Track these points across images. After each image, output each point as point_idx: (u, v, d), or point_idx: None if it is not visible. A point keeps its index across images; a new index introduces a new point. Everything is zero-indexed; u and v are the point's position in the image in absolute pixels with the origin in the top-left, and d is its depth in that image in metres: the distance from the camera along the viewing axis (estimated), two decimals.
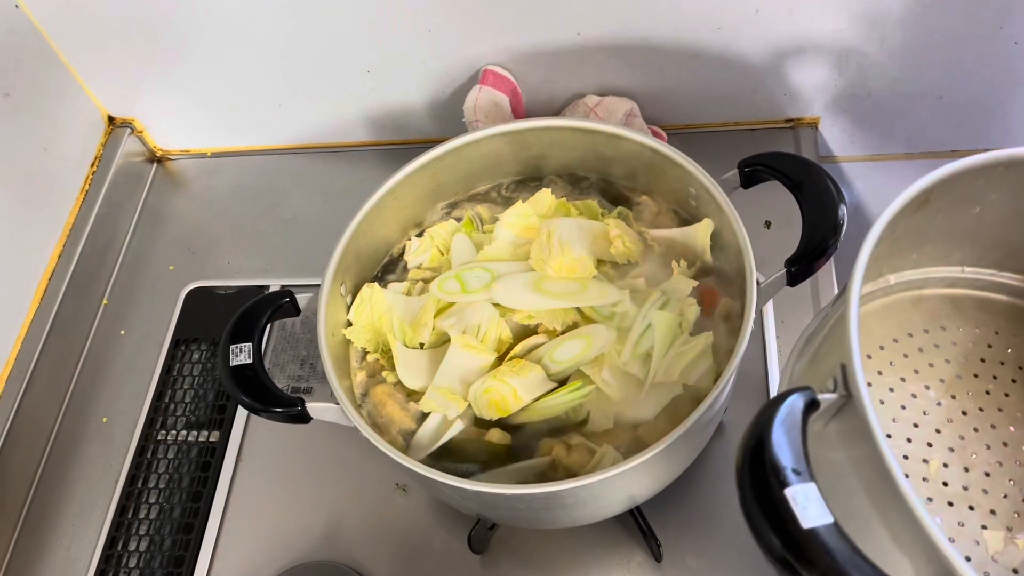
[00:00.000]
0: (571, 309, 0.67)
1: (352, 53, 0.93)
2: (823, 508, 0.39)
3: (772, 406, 0.43)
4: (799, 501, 0.39)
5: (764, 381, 0.80)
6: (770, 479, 0.40)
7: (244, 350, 0.63)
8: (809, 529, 0.38)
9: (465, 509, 0.69)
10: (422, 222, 0.78)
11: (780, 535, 0.39)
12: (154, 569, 0.78)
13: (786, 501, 0.39)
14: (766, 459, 0.40)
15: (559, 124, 0.73)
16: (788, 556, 0.38)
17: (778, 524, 0.39)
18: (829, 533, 0.38)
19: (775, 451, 0.41)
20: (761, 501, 0.40)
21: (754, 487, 0.40)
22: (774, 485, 0.39)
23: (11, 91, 0.90)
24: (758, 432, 0.42)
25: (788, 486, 0.39)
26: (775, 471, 0.40)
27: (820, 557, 0.38)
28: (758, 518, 0.39)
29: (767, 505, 0.39)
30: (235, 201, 1.05)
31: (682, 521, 0.74)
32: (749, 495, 0.40)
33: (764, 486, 0.40)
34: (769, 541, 0.39)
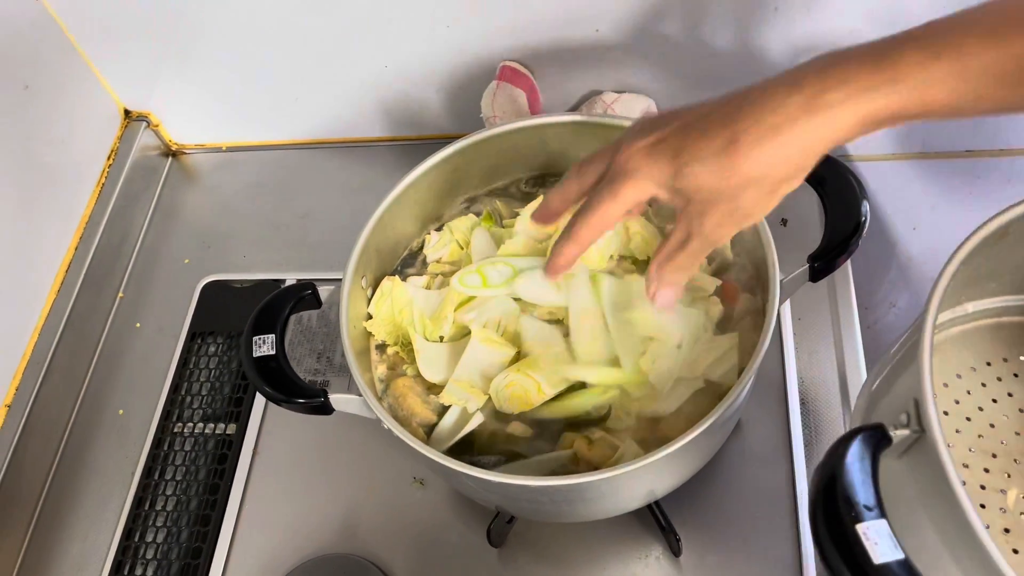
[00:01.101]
0: None
1: (370, 48, 0.93)
2: (894, 544, 0.41)
3: (844, 442, 0.45)
4: (871, 537, 0.41)
5: (781, 380, 0.80)
6: (843, 514, 0.42)
7: (267, 341, 0.64)
8: (881, 564, 0.40)
9: (485, 502, 0.69)
10: (441, 216, 0.78)
11: (852, 570, 0.40)
12: (171, 560, 0.79)
13: (858, 536, 0.41)
14: (838, 494, 0.42)
15: (579, 120, 0.73)
16: None
17: (850, 559, 0.41)
18: (901, 569, 0.40)
19: (847, 487, 0.43)
20: (834, 536, 0.42)
21: (827, 522, 0.42)
22: (847, 520, 0.41)
23: (30, 83, 0.90)
24: (831, 468, 0.44)
25: (860, 521, 0.41)
26: (848, 506, 0.42)
27: None
28: (831, 552, 0.41)
29: (840, 540, 0.41)
30: (250, 195, 1.05)
31: (699, 517, 0.74)
32: (822, 529, 0.42)
33: (837, 521, 0.42)
34: (842, 575, 0.41)
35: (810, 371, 0.81)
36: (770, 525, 0.72)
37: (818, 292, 0.85)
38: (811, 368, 0.81)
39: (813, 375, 0.80)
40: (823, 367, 0.81)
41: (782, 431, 0.77)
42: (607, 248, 0.70)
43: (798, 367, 0.80)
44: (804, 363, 0.81)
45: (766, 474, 0.75)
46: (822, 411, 0.78)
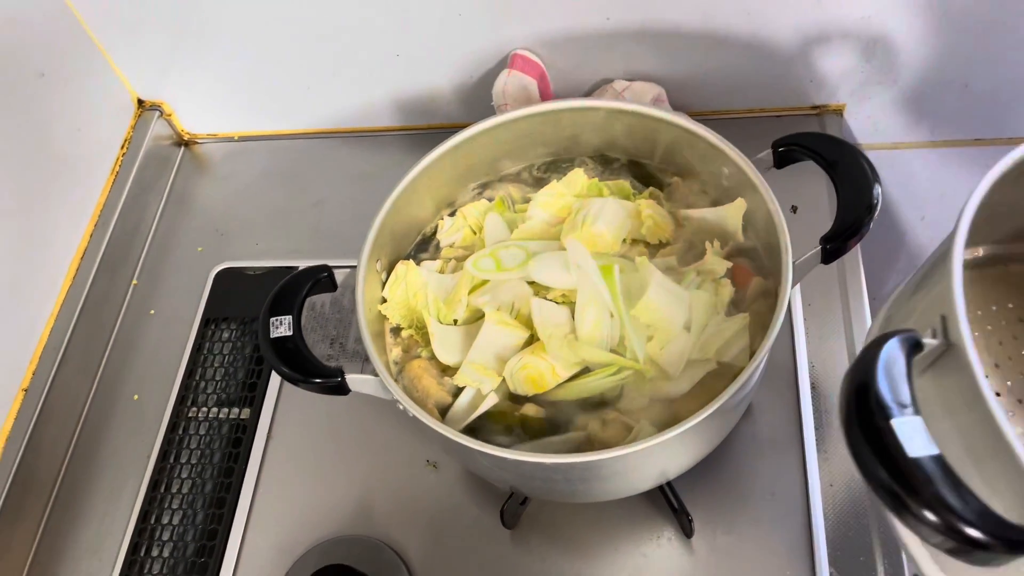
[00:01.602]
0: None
1: (382, 37, 0.94)
2: (929, 440, 0.40)
3: (877, 344, 0.44)
4: (905, 432, 0.40)
5: (792, 365, 0.80)
6: (875, 411, 0.41)
7: (284, 322, 0.64)
8: (915, 458, 0.39)
9: (499, 481, 0.70)
10: (454, 202, 0.79)
11: (886, 465, 0.40)
12: (187, 542, 0.79)
13: (893, 432, 0.40)
14: (871, 392, 0.42)
15: (593, 105, 0.74)
16: (894, 486, 0.39)
17: (884, 455, 0.40)
18: (935, 463, 0.40)
19: (881, 384, 0.42)
20: (867, 432, 0.41)
21: (860, 419, 0.42)
22: (880, 417, 0.41)
23: (46, 71, 0.91)
24: (864, 366, 0.43)
25: (894, 417, 0.41)
26: (880, 404, 0.41)
27: (925, 486, 0.39)
28: (863, 449, 0.41)
29: (873, 436, 0.41)
30: (262, 184, 1.06)
31: (711, 499, 0.74)
32: (855, 427, 0.42)
33: (869, 418, 0.41)
34: (875, 471, 0.40)
35: (820, 356, 0.81)
36: (781, 507, 0.73)
37: (828, 278, 0.85)
38: (821, 353, 0.81)
39: (823, 360, 0.81)
40: (833, 352, 0.81)
41: (792, 415, 0.77)
42: (620, 232, 0.71)
43: (808, 352, 0.81)
44: (814, 348, 0.81)
45: (777, 457, 0.76)
46: (832, 396, 0.79)
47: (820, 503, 0.73)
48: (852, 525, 0.72)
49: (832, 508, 0.73)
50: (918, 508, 0.39)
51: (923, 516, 0.39)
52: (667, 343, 0.65)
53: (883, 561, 0.70)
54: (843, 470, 0.74)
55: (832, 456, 0.75)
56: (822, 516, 0.72)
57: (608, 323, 0.66)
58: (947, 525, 0.39)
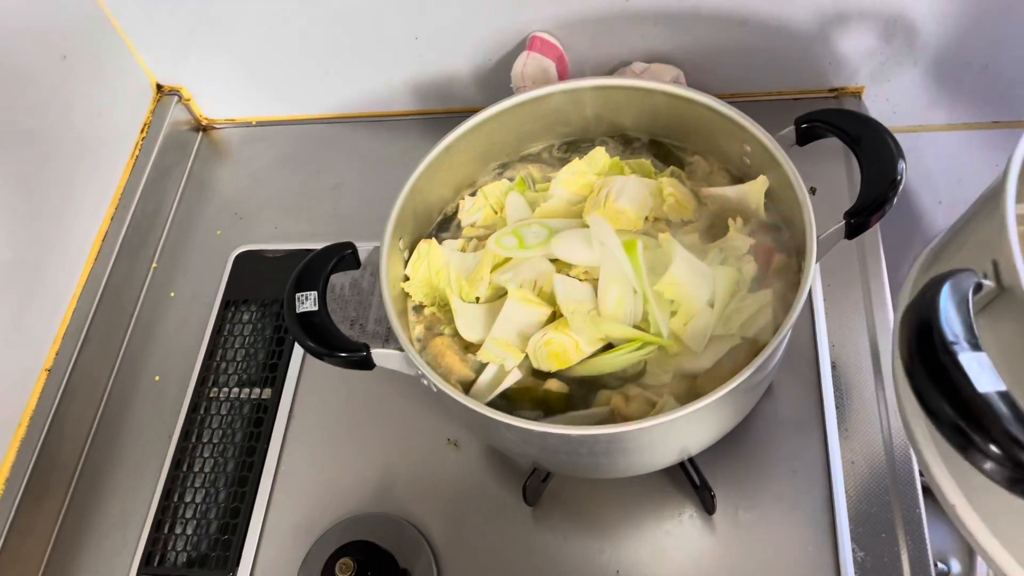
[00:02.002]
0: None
1: (400, 19, 0.94)
2: (996, 376, 0.39)
3: (939, 281, 0.43)
4: (973, 368, 0.39)
5: (812, 345, 0.81)
6: (939, 347, 0.40)
7: (309, 298, 0.65)
8: (984, 394, 0.38)
9: (523, 456, 0.70)
10: (475, 182, 0.79)
11: (952, 401, 0.39)
12: (210, 520, 0.80)
13: (961, 367, 0.39)
14: (935, 327, 0.41)
15: (614, 83, 0.74)
16: (960, 421, 0.39)
17: (951, 390, 0.39)
18: (1004, 399, 0.39)
19: (945, 320, 0.41)
20: (930, 368, 0.40)
21: (923, 355, 0.40)
22: (945, 352, 0.40)
23: (68, 55, 0.91)
24: (927, 303, 0.42)
25: (961, 353, 0.40)
26: (944, 341, 0.40)
27: (994, 421, 0.38)
28: (927, 386, 0.40)
29: (937, 372, 0.40)
30: (280, 169, 1.06)
31: (732, 476, 0.75)
32: (919, 365, 0.40)
33: (934, 354, 0.40)
34: (939, 407, 0.39)
35: (840, 336, 0.81)
36: (803, 485, 0.73)
37: (848, 259, 0.86)
38: (841, 333, 0.81)
39: (843, 340, 0.81)
40: (853, 332, 0.81)
41: (814, 394, 0.78)
42: (642, 209, 0.71)
43: (829, 332, 0.81)
44: (834, 328, 0.82)
45: (798, 435, 0.76)
46: (852, 375, 0.79)
47: (842, 480, 0.73)
48: (874, 502, 0.72)
49: (854, 485, 0.73)
50: (986, 444, 0.38)
51: (992, 452, 0.38)
52: (691, 319, 0.65)
53: (905, 538, 0.70)
54: (864, 448, 0.75)
55: (853, 434, 0.75)
56: (844, 493, 0.72)
57: (631, 299, 0.66)
58: (1015, 460, 0.38)
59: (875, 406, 0.77)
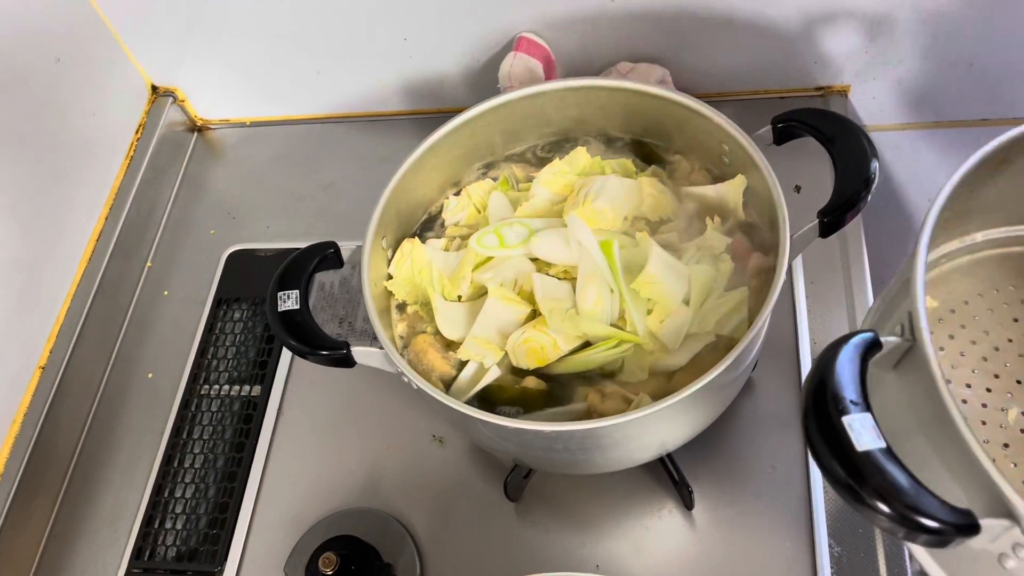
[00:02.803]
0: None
1: (390, 20, 0.95)
2: (877, 434, 0.44)
3: (837, 345, 0.48)
4: (855, 428, 0.44)
5: (794, 342, 0.81)
6: (830, 408, 0.45)
7: (291, 296, 0.66)
8: (863, 452, 0.43)
9: (502, 453, 0.71)
10: (459, 181, 0.80)
11: (838, 458, 0.43)
12: (199, 515, 0.81)
13: (843, 427, 0.44)
14: (827, 391, 0.45)
15: (597, 84, 0.75)
16: (846, 477, 0.43)
17: (836, 448, 0.43)
18: (881, 455, 0.43)
19: (836, 384, 0.46)
20: (822, 428, 0.44)
21: (816, 415, 0.45)
22: (833, 414, 0.44)
23: (62, 57, 0.93)
24: (822, 366, 0.47)
25: (846, 414, 0.44)
26: (835, 401, 0.45)
27: (873, 476, 0.42)
28: (819, 443, 0.44)
29: (827, 432, 0.44)
30: (274, 169, 1.08)
31: (712, 473, 0.75)
32: (812, 423, 0.45)
33: (825, 414, 0.45)
34: (829, 464, 0.44)
35: (823, 334, 0.82)
36: (782, 481, 0.74)
37: (831, 258, 0.86)
38: (824, 331, 0.82)
39: (826, 338, 0.82)
40: (835, 330, 0.82)
41: (794, 391, 0.78)
42: (621, 209, 0.71)
43: (811, 329, 0.82)
44: (817, 326, 0.82)
45: (778, 432, 0.76)
46: None
47: (820, 477, 0.73)
48: None
49: None
50: (869, 498, 0.42)
51: (874, 505, 0.42)
52: (666, 317, 0.66)
53: (882, 533, 0.70)
54: None
55: None
56: (822, 490, 0.73)
57: (609, 298, 0.67)
58: (897, 513, 0.42)
59: None
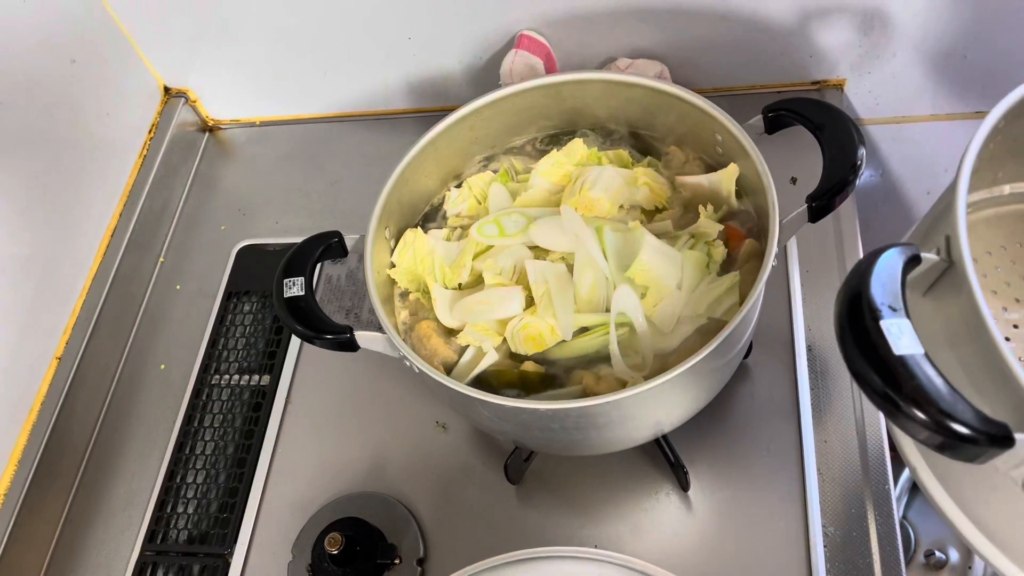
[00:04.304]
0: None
1: (394, 21, 0.98)
2: (915, 340, 0.42)
3: (876, 253, 0.47)
4: (893, 332, 0.42)
5: (789, 327, 0.83)
6: (866, 312, 0.43)
7: (297, 283, 0.68)
8: (900, 356, 0.41)
9: (502, 435, 0.73)
10: (461, 174, 0.82)
11: (873, 362, 0.42)
12: (210, 500, 0.84)
13: (880, 331, 0.42)
14: (864, 295, 0.44)
15: (593, 77, 0.77)
16: (882, 383, 0.41)
17: (872, 352, 0.42)
18: (919, 361, 0.42)
19: (873, 289, 0.44)
20: (856, 332, 0.43)
21: (851, 321, 0.44)
22: (869, 317, 0.43)
23: (77, 58, 0.96)
24: (860, 271, 0.45)
25: (883, 319, 0.43)
26: (871, 306, 0.43)
27: (908, 381, 0.41)
28: (852, 347, 0.43)
29: (862, 335, 0.43)
30: (282, 166, 1.10)
31: (709, 456, 0.77)
32: (846, 326, 0.44)
33: (860, 318, 0.43)
34: (864, 371, 0.42)
35: (817, 320, 0.83)
36: (776, 463, 0.76)
37: (826, 246, 0.88)
38: (818, 317, 0.83)
39: (820, 324, 0.83)
40: (829, 315, 0.83)
41: (789, 376, 0.80)
42: (617, 197, 0.73)
43: (805, 316, 0.83)
44: (811, 312, 0.84)
45: (773, 416, 0.78)
46: (828, 358, 0.81)
47: (814, 459, 0.75)
48: (845, 479, 0.74)
49: (825, 464, 0.75)
50: (905, 404, 0.41)
51: (910, 412, 0.41)
52: (660, 301, 0.68)
53: (874, 513, 0.72)
54: (837, 427, 0.77)
55: (826, 414, 0.78)
56: (816, 471, 0.74)
57: (604, 285, 0.69)
58: (932, 420, 0.40)
59: (848, 388, 0.79)
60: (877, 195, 1.12)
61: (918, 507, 1.26)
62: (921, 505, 1.26)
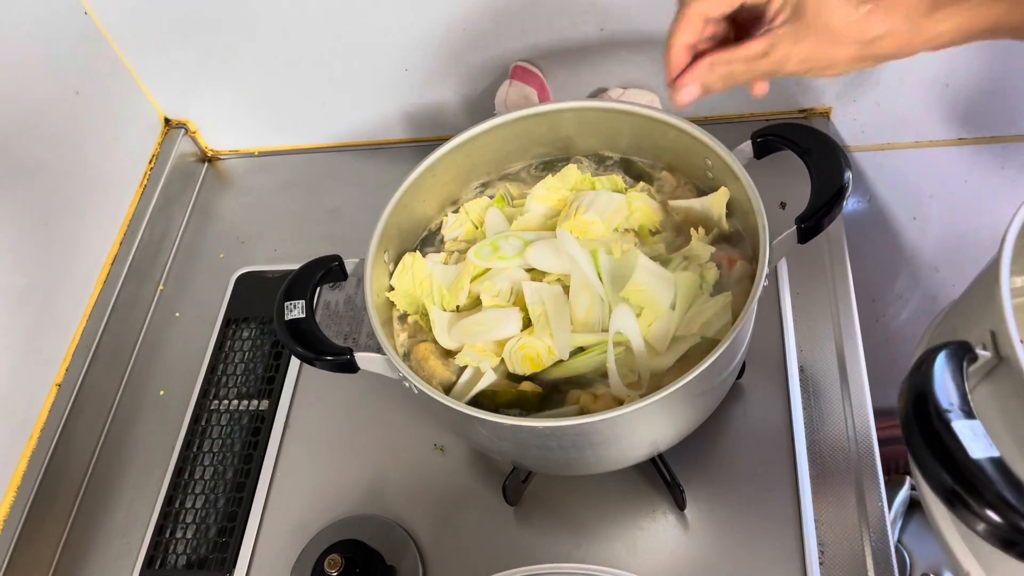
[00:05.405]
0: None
1: (392, 52, 1.00)
2: (989, 442, 0.42)
3: (932, 353, 0.46)
4: (966, 435, 0.42)
5: (781, 352, 0.84)
6: (935, 416, 0.43)
7: (298, 306, 0.69)
8: (977, 460, 0.41)
9: (500, 454, 0.74)
10: (457, 200, 0.84)
11: (948, 468, 0.41)
12: (209, 524, 0.84)
13: (954, 434, 0.42)
14: (930, 398, 0.43)
15: (587, 105, 0.79)
16: (957, 488, 0.41)
17: (946, 457, 0.41)
18: (996, 465, 0.41)
19: (938, 391, 0.43)
20: (927, 437, 0.42)
21: (919, 424, 0.43)
22: (939, 421, 0.42)
23: (81, 90, 0.98)
24: (922, 374, 0.45)
25: (953, 421, 0.42)
26: (938, 410, 0.43)
27: (988, 487, 0.40)
28: (925, 454, 0.42)
29: (934, 441, 0.42)
30: (281, 196, 1.12)
31: (704, 475, 0.78)
32: (915, 433, 0.43)
33: (929, 423, 0.43)
34: (937, 475, 0.42)
35: (809, 342, 0.85)
36: (771, 482, 0.76)
37: (816, 270, 0.89)
38: (810, 339, 0.85)
39: (811, 345, 0.85)
40: (821, 337, 0.85)
41: (782, 396, 0.81)
42: (611, 221, 0.75)
43: (797, 337, 0.85)
44: (803, 334, 0.85)
45: (767, 435, 0.79)
46: (819, 378, 0.82)
47: (808, 477, 0.76)
48: (838, 497, 0.75)
49: (818, 479, 0.76)
50: (981, 508, 0.40)
51: (986, 516, 0.40)
52: (654, 321, 0.69)
53: (868, 531, 0.73)
54: (829, 446, 0.78)
55: (819, 433, 0.79)
56: (810, 488, 0.75)
57: (600, 305, 0.71)
58: (1010, 524, 0.40)
59: (840, 407, 0.80)
60: (865, 221, 1.14)
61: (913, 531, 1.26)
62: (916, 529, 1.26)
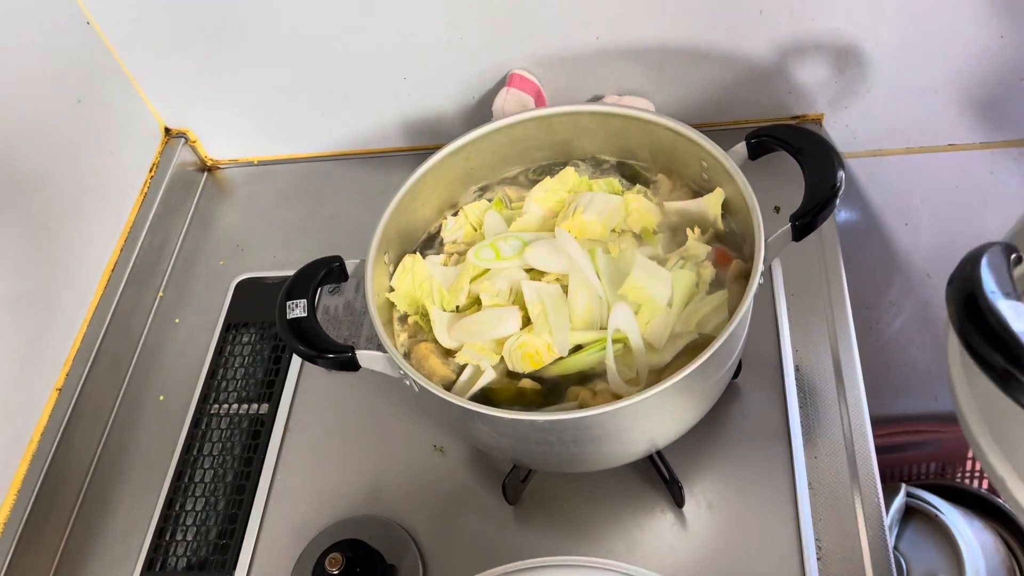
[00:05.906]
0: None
1: (389, 62, 1.02)
2: None
3: (979, 250, 0.47)
4: (1011, 314, 0.43)
5: (777, 352, 0.85)
6: (981, 299, 0.44)
7: (299, 305, 0.70)
8: (1020, 332, 0.42)
9: (499, 451, 0.74)
10: (456, 203, 0.85)
11: (996, 346, 0.42)
12: (209, 527, 0.84)
13: (1000, 314, 0.43)
14: (977, 282, 0.44)
15: (583, 109, 0.81)
16: (1008, 366, 0.42)
17: (993, 336, 0.42)
18: None
19: (985, 277, 0.45)
20: (975, 320, 0.44)
21: (967, 309, 0.44)
22: (988, 303, 0.43)
23: (83, 99, 0.99)
24: (969, 264, 0.46)
25: (1000, 301, 0.43)
26: (986, 293, 0.44)
27: None
28: (973, 335, 0.43)
29: (982, 322, 0.43)
30: (280, 204, 1.13)
31: (702, 473, 0.79)
32: (962, 309, 0.44)
33: (976, 306, 0.44)
34: (987, 355, 0.43)
35: (804, 342, 0.86)
36: (769, 478, 0.77)
37: (811, 271, 0.91)
38: (805, 339, 0.86)
39: (807, 346, 0.86)
40: (816, 338, 0.86)
41: (778, 395, 0.82)
42: (608, 221, 0.76)
43: (792, 338, 0.86)
44: (798, 335, 0.86)
45: (764, 433, 0.80)
46: (815, 377, 0.83)
47: (805, 474, 0.77)
48: (834, 492, 0.76)
49: (816, 478, 0.77)
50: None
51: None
52: (652, 318, 0.70)
53: (865, 527, 0.74)
54: (826, 444, 0.79)
55: (815, 431, 0.80)
56: (807, 486, 0.76)
57: (598, 304, 0.72)
58: None
59: (836, 405, 0.81)
60: (859, 227, 1.16)
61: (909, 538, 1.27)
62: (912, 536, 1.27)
